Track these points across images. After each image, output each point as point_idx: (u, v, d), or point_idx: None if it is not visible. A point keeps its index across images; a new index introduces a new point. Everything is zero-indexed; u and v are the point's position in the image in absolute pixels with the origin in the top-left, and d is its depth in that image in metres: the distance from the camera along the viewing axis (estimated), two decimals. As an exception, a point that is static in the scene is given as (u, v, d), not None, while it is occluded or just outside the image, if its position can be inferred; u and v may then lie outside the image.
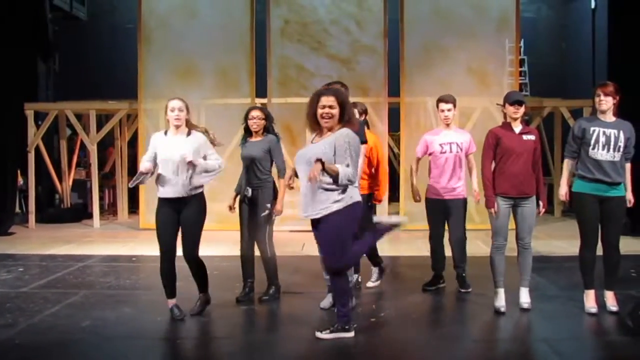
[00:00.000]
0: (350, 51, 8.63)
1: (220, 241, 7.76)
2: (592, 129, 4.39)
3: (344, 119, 3.92)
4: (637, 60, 8.14)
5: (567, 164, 4.60)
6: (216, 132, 8.69)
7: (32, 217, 9.06)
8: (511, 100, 4.50)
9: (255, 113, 4.90)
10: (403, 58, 8.58)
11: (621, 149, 4.35)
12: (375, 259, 5.35)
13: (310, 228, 4.09)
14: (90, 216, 9.67)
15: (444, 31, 8.56)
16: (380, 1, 8.56)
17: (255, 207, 4.85)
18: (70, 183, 10.11)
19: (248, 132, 4.95)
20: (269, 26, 8.64)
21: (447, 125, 5.11)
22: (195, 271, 4.57)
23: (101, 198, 10.17)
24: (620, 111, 4.57)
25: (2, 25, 8.51)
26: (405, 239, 7.81)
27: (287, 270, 6.12)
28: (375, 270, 5.40)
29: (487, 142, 4.57)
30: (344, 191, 3.84)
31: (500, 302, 4.53)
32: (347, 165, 3.80)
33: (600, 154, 4.35)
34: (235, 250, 7.14)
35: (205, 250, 7.06)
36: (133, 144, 10.31)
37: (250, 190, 4.87)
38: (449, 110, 5.07)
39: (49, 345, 3.99)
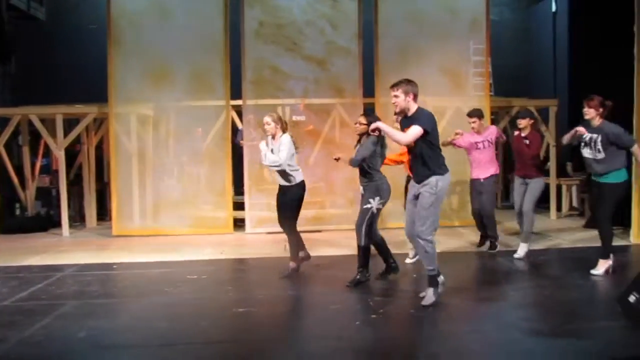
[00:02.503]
0: (326, 52, 8.68)
1: (201, 245, 7.67)
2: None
3: None
4: (597, 60, 8.54)
5: None
6: (188, 134, 8.78)
7: (-6, 227, 8.70)
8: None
9: (359, 119, 5.51)
10: (378, 59, 8.68)
11: (600, 150, 5.37)
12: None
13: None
14: (56, 225, 9.36)
15: (417, 33, 8.70)
16: (355, 3, 8.64)
17: (362, 201, 5.41)
18: (34, 191, 9.75)
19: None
20: (243, 28, 8.58)
21: (478, 133, 6.70)
22: (290, 238, 5.88)
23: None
24: (580, 109, 5.55)
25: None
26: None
27: (276, 272, 6.14)
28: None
29: None
30: None
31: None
32: None
33: (585, 151, 5.52)
34: (218, 254, 7.17)
35: (188, 255, 7.07)
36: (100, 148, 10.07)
37: (361, 188, 5.43)
38: (473, 122, 6.72)
39: (47, 358, 3.86)
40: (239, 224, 8.86)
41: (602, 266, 5.51)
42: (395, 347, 3.93)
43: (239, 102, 8.73)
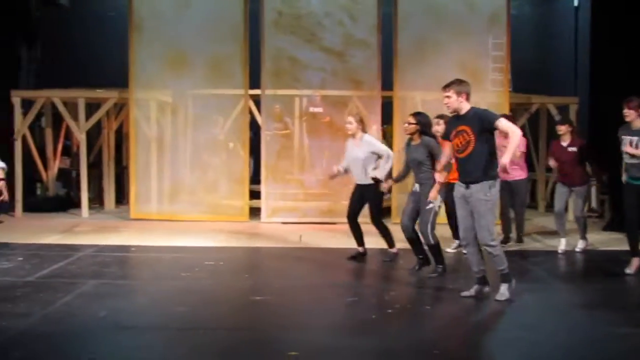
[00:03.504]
0: (344, 44, 8.72)
1: (217, 232, 7.81)
2: (622, 137, 5.48)
3: None
4: (620, 57, 8.47)
5: None
6: (204, 122, 8.98)
7: (19, 206, 8.94)
8: None
9: (408, 118, 5.69)
10: (396, 52, 8.71)
11: None
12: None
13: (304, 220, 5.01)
14: (75, 206, 9.60)
15: (436, 26, 8.71)
16: (374, -5, 8.68)
17: (419, 200, 5.49)
18: (55, 172, 10.00)
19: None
20: (262, 18, 8.66)
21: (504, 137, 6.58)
22: (380, 232, 6.11)
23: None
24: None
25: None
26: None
27: (290, 261, 6.28)
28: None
29: None
30: None
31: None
32: None
33: (627, 157, 5.47)
34: (234, 242, 7.32)
35: (205, 241, 7.23)
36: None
37: (417, 186, 5.56)
38: None
39: (70, 334, 4.02)
40: (254, 212, 9.00)
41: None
42: (408, 342, 4.01)
43: (257, 91, 8.83)
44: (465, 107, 4.67)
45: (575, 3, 10.93)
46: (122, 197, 10.41)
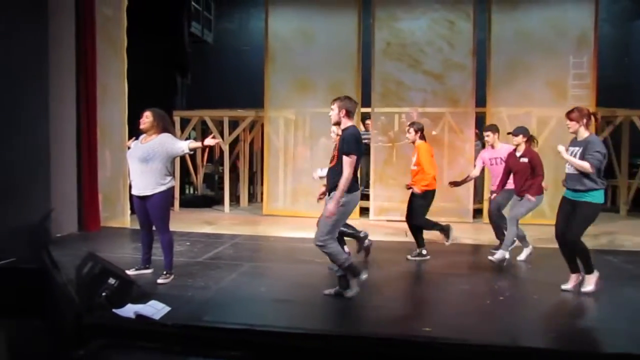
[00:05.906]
0: (443, 68, 8.66)
1: (309, 226, 7.94)
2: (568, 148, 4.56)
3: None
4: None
5: None
6: (320, 134, 9.18)
7: (176, 203, 9.64)
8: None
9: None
10: (489, 73, 8.53)
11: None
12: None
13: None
14: (217, 203, 10.18)
15: (525, 49, 8.44)
16: (470, 24, 8.55)
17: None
18: (202, 176, 10.67)
19: None
20: (373, 47, 8.80)
21: (491, 146, 6.17)
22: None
23: (222, 188, 10.58)
24: None
25: (153, 50, 9.10)
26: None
27: (402, 253, 6.29)
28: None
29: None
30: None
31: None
32: None
33: (567, 167, 4.47)
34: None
35: (301, 233, 7.40)
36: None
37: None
38: (487, 136, 6.16)
39: (241, 304, 4.29)
40: (363, 212, 9.11)
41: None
42: (518, 324, 3.97)
43: (367, 109, 8.97)
44: (344, 123, 4.25)
45: (657, 23, 10.14)
46: (252, 196, 10.93)
